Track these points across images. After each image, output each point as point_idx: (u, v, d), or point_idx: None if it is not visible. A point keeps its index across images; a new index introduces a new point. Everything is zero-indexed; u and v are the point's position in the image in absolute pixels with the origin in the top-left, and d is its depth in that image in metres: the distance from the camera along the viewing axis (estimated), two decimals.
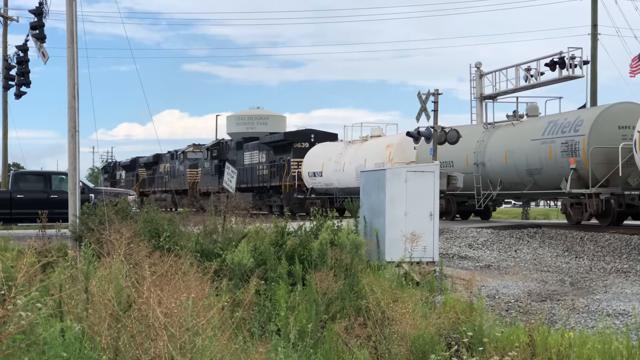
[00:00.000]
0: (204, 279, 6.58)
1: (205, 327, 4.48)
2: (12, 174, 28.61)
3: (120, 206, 15.11)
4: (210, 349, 4.40)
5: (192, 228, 15.38)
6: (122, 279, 5.96)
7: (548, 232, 22.90)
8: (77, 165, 17.25)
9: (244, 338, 5.90)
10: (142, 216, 13.86)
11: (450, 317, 8.87)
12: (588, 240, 20.84)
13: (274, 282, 10.38)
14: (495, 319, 9.58)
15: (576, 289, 14.67)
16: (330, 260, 11.86)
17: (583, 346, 7.29)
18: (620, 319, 10.78)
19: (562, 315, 10.79)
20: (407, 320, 7.48)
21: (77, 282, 6.69)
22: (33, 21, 19.48)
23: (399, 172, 17.14)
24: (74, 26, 17.09)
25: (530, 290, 14.20)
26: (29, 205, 23.18)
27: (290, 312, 8.33)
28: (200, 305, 4.72)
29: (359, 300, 9.74)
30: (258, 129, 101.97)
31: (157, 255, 6.64)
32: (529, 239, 22.05)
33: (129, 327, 4.59)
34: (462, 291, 12.43)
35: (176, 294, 4.53)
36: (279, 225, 13.46)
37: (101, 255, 8.63)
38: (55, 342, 4.51)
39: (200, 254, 11.85)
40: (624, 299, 13.08)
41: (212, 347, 4.43)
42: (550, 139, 24.44)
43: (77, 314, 5.72)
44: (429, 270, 14.30)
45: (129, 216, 14.48)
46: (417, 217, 16.24)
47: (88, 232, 13.48)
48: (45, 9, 19.35)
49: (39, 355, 4.27)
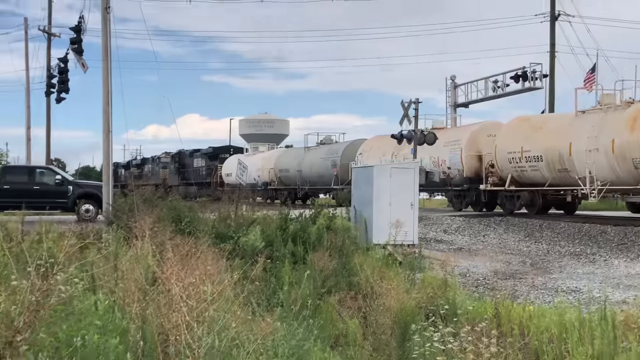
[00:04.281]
0: (219, 258, 6.55)
1: (219, 300, 4.45)
2: (0, 168, 28.27)
3: (147, 196, 15.05)
4: (222, 318, 4.37)
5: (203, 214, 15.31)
6: (149, 258, 5.94)
7: (512, 220, 22.93)
8: (110, 160, 17.21)
9: (252, 309, 5.87)
10: (166, 204, 13.79)
11: (428, 292, 8.85)
12: (546, 227, 20.86)
13: (278, 260, 10.35)
14: (466, 294, 9.58)
15: (535, 269, 14.68)
16: (326, 242, 11.85)
17: (541, 318, 7.28)
18: (573, 295, 10.78)
19: (523, 292, 10.79)
20: (391, 295, 7.46)
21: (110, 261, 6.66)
22: (73, 37, 19.40)
23: (385, 168, 17.13)
24: (108, 42, 17.04)
25: (496, 269, 14.21)
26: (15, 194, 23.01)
27: (292, 287, 8.31)
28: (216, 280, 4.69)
29: (350, 276, 9.72)
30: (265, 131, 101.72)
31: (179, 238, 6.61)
32: (495, 226, 22.06)
33: (155, 300, 4.56)
34: (438, 270, 12.42)
35: (195, 271, 4.50)
36: (283, 213, 13.44)
37: (130, 238, 8.60)
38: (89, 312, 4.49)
39: (216, 236, 11.81)
40: (577, 277, 13.09)
41: (225, 317, 4.41)
42: (325, 158, 36.99)
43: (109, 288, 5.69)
44: (410, 252, 14.30)
45: (154, 204, 14.41)
46: (400, 207, 16.24)
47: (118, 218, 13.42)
48: (84, 26, 19.27)
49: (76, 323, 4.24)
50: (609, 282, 12.31)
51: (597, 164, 20.92)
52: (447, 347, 4.89)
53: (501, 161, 25.39)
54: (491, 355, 4.46)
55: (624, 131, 20.12)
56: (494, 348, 4.57)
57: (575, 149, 22.03)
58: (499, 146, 25.62)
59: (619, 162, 20.39)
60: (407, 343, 5.37)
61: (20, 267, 4.84)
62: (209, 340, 4.00)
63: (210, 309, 4.24)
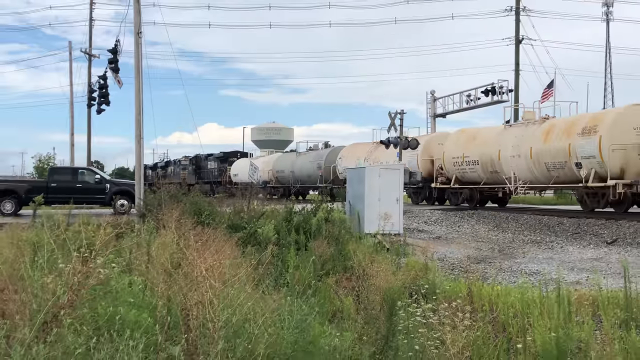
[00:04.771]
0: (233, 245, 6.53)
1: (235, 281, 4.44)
2: (48, 169, 28.25)
3: (173, 192, 15.02)
4: (238, 296, 4.36)
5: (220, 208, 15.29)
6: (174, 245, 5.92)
7: (482, 213, 22.92)
8: (141, 162, 17.19)
9: (262, 289, 5.86)
10: (189, 200, 13.76)
11: (411, 274, 8.82)
12: (511, 219, 20.86)
13: (284, 247, 10.32)
14: (444, 276, 9.55)
15: (502, 254, 14.67)
16: (325, 232, 11.82)
17: (507, 296, 7.27)
18: (534, 277, 10.77)
19: (492, 274, 10.77)
20: (380, 276, 7.44)
21: (141, 248, 6.64)
22: (110, 57, 19.40)
23: (375, 169, 17.12)
24: (140, 62, 17.01)
25: (469, 255, 14.20)
26: (60, 191, 22.97)
27: (296, 270, 8.29)
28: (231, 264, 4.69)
29: (345, 261, 9.69)
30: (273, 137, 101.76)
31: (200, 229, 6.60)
32: (469, 218, 22.04)
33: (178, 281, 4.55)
34: (419, 255, 12.41)
35: (214, 255, 4.49)
36: (288, 207, 13.42)
37: (159, 228, 8.57)
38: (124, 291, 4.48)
39: (231, 227, 11.77)
40: (537, 262, 13.08)
41: (240, 295, 4.40)
42: (312, 161, 38.10)
43: (140, 270, 5.68)
44: (396, 240, 14.28)
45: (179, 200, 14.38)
46: (388, 202, 16.23)
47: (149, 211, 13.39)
48: (119, 48, 19.29)
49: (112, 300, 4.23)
50: (564, 265, 12.31)
51: (519, 167, 22.76)
52: (428, 321, 4.88)
53: (448, 164, 26.81)
54: (465, 328, 4.44)
55: (539, 141, 21.74)
56: (468, 321, 4.56)
57: (502, 154, 23.91)
58: (446, 153, 26.80)
59: (535, 166, 21.94)
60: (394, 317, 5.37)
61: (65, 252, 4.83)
62: (226, 315, 3.99)
63: (228, 288, 4.23)
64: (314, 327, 4.75)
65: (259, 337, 4.07)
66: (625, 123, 18.77)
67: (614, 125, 18.86)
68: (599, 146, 18.73)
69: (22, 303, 3.77)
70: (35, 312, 3.70)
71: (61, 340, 3.60)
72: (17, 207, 23.41)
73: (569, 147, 20.08)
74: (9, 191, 23.60)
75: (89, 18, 41.58)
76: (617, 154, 18.48)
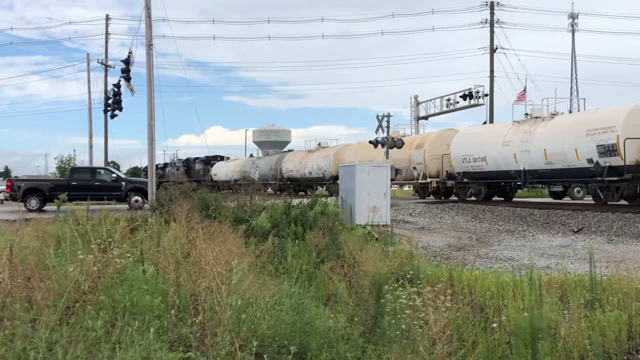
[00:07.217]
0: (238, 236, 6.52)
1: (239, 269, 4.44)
2: (69, 169, 28.16)
3: (183, 189, 14.98)
4: (242, 282, 4.36)
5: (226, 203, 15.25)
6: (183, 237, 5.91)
7: (462, 205, 22.95)
8: (153, 162, 17.13)
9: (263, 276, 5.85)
10: (197, 195, 13.72)
11: (397, 261, 8.84)
12: (488, 211, 20.89)
13: (283, 238, 10.31)
14: (427, 262, 9.57)
15: (480, 243, 14.72)
16: (320, 223, 11.82)
17: (484, 280, 7.29)
18: (509, 262, 10.82)
19: (470, 260, 10.80)
20: (369, 263, 7.44)
21: (153, 239, 6.63)
22: (123, 67, 19.34)
23: (364, 166, 17.11)
24: (151, 71, 16.93)
25: (450, 243, 14.24)
26: (81, 189, 22.94)
27: (294, 258, 8.29)
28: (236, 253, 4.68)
29: (338, 249, 9.69)
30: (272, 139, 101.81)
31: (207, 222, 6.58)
32: (449, 210, 22.07)
33: (187, 269, 4.55)
34: (405, 244, 12.44)
35: (220, 245, 4.48)
36: (287, 201, 13.40)
37: (169, 221, 8.55)
38: (138, 279, 4.47)
39: (235, 219, 11.74)
40: (511, 249, 13.13)
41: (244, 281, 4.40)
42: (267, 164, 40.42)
43: (153, 260, 5.67)
44: (384, 230, 14.30)
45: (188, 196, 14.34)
46: (376, 196, 16.23)
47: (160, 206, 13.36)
48: (132, 59, 19.23)
49: (128, 287, 4.22)
50: (536, 252, 12.36)
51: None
52: (413, 303, 4.90)
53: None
54: (446, 309, 4.46)
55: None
56: (449, 303, 4.58)
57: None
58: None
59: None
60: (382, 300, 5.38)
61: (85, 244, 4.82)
62: (231, 300, 3.99)
63: (234, 274, 4.23)
64: (310, 310, 4.75)
65: (261, 319, 4.07)
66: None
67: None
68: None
69: (46, 290, 3.76)
70: (58, 298, 3.69)
71: (81, 322, 3.60)
72: (42, 203, 23.34)
73: None
74: (34, 189, 23.54)
75: (105, 32, 41.42)
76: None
